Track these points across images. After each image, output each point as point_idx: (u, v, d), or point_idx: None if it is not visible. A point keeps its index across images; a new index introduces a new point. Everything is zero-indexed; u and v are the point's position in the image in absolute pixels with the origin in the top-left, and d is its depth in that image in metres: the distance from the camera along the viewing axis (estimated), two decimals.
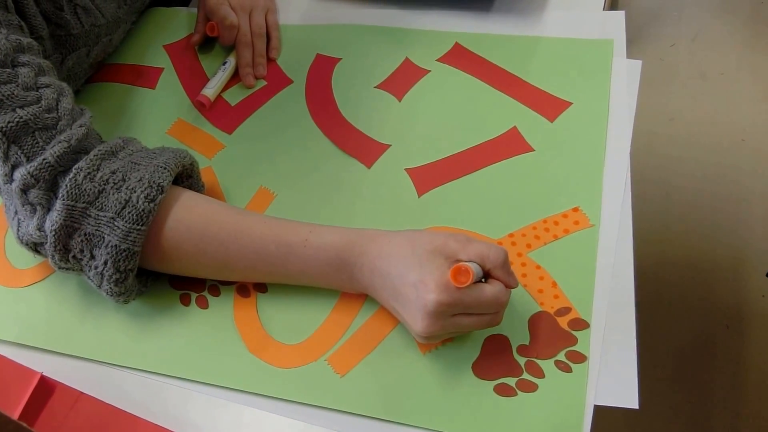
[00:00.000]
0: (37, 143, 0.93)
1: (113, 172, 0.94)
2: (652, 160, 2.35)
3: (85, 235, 0.93)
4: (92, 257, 0.94)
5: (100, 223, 0.92)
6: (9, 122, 0.91)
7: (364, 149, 1.16)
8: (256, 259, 0.96)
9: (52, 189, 0.94)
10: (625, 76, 1.17)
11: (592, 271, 0.97)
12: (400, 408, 0.90)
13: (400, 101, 1.21)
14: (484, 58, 1.24)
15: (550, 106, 1.15)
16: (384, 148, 1.15)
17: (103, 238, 0.92)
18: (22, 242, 0.99)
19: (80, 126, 0.97)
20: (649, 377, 0.89)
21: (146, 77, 1.35)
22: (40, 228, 0.94)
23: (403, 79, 1.24)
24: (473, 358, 0.92)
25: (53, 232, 0.92)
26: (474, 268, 0.83)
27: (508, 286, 0.88)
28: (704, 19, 3.01)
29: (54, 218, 0.92)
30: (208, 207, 0.99)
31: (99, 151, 0.96)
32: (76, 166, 0.93)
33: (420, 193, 1.09)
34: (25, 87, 0.95)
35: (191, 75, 1.34)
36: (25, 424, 0.65)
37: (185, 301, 1.04)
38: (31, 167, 0.92)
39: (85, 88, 1.35)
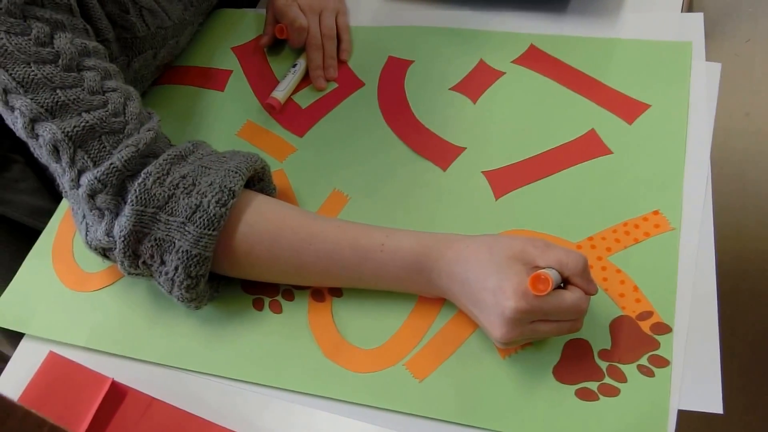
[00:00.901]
0: (104, 147, 0.96)
1: (183, 177, 0.97)
2: (728, 154, 2.35)
3: (155, 240, 0.95)
4: (162, 263, 0.97)
5: (170, 228, 0.94)
6: (75, 126, 0.94)
7: (440, 152, 1.18)
8: (330, 264, 0.98)
9: (120, 194, 0.96)
10: (704, 79, 1.18)
11: (674, 275, 0.99)
12: (480, 412, 0.92)
13: (475, 103, 1.23)
14: (560, 60, 1.26)
15: (629, 109, 1.17)
16: (459, 150, 1.17)
17: (174, 243, 0.95)
18: (90, 247, 1.02)
19: (148, 130, 1.00)
20: (728, 374, 0.90)
21: (215, 79, 1.39)
22: (109, 233, 0.97)
23: (477, 81, 1.26)
24: (554, 362, 0.94)
25: (122, 238, 0.95)
26: (553, 275, 0.85)
27: (588, 293, 0.89)
28: None
29: (123, 223, 0.95)
30: (281, 211, 1.02)
31: (168, 155, 0.99)
32: (145, 170, 0.96)
33: (497, 196, 1.11)
34: (91, 91, 0.97)
35: (260, 77, 1.37)
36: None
37: (258, 305, 1.07)
38: (98, 172, 0.94)
39: (152, 90, 1.39)
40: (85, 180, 0.96)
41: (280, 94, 1.30)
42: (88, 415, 1.00)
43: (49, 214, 1.27)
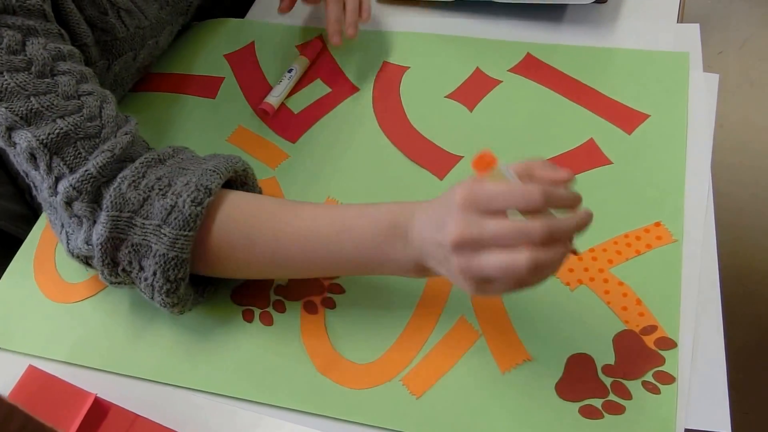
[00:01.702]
0: (79, 153, 0.92)
1: (159, 179, 0.93)
2: None
3: (132, 246, 0.91)
4: (141, 269, 0.92)
5: (146, 232, 0.90)
6: (50, 134, 0.91)
7: (436, 160, 1.15)
8: (309, 242, 0.92)
9: (96, 200, 0.92)
10: (702, 90, 1.16)
11: (678, 288, 0.95)
12: (481, 431, 0.88)
13: (471, 112, 1.20)
14: (556, 68, 1.23)
15: (627, 119, 1.14)
16: (456, 159, 1.14)
17: (151, 247, 0.90)
18: (73, 256, 0.98)
19: (125, 133, 0.96)
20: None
21: (206, 87, 1.35)
22: (88, 241, 0.93)
23: (474, 89, 1.23)
24: (556, 378, 0.91)
25: (99, 246, 0.91)
26: (508, 174, 0.78)
27: (555, 181, 0.77)
28: (751, 29, 3.04)
29: (99, 231, 0.91)
30: (257, 200, 0.98)
31: (145, 158, 0.95)
32: (120, 174, 0.92)
33: None
34: (65, 96, 0.94)
35: (253, 83, 1.34)
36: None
37: (248, 317, 1.02)
38: (73, 179, 0.91)
39: (142, 97, 1.35)
40: (61, 187, 0.92)
41: (273, 99, 1.26)
42: None
43: (24, 219, 1.24)
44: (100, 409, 0.97)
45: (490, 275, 0.76)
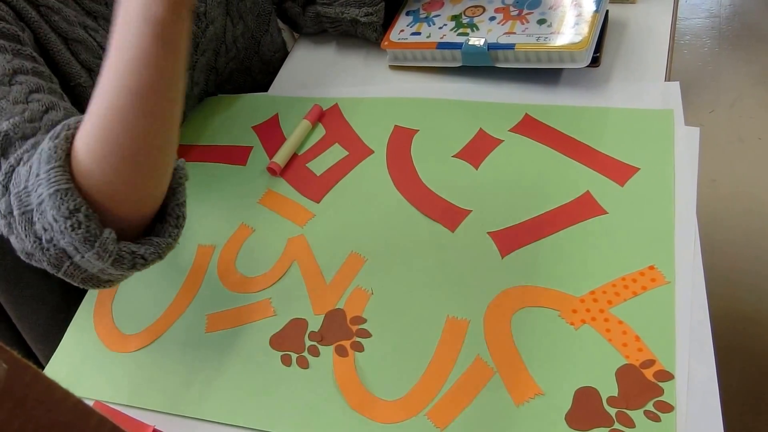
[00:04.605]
0: (17, 152, 0.89)
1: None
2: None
3: (36, 208, 0.82)
4: (50, 224, 0.81)
5: (36, 189, 0.81)
6: None
7: (447, 214, 1.17)
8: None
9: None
10: (685, 142, 1.18)
11: (672, 325, 0.98)
12: None
13: (477, 169, 1.23)
14: (553, 127, 1.26)
15: (619, 172, 1.17)
16: (466, 213, 1.17)
17: (42, 199, 0.80)
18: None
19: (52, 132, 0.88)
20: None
21: (238, 155, 1.39)
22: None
23: (478, 149, 1.26)
24: (565, 409, 0.93)
25: (22, 225, 0.83)
26: None
27: None
28: (741, 88, 3.05)
29: (14, 212, 0.84)
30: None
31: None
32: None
33: (503, 255, 1.10)
34: (14, 101, 0.94)
35: (277, 150, 1.37)
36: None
37: (286, 361, 1.06)
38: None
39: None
40: None
41: (279, 158, 1.32)
42: None
43: None
44: None
45: None
